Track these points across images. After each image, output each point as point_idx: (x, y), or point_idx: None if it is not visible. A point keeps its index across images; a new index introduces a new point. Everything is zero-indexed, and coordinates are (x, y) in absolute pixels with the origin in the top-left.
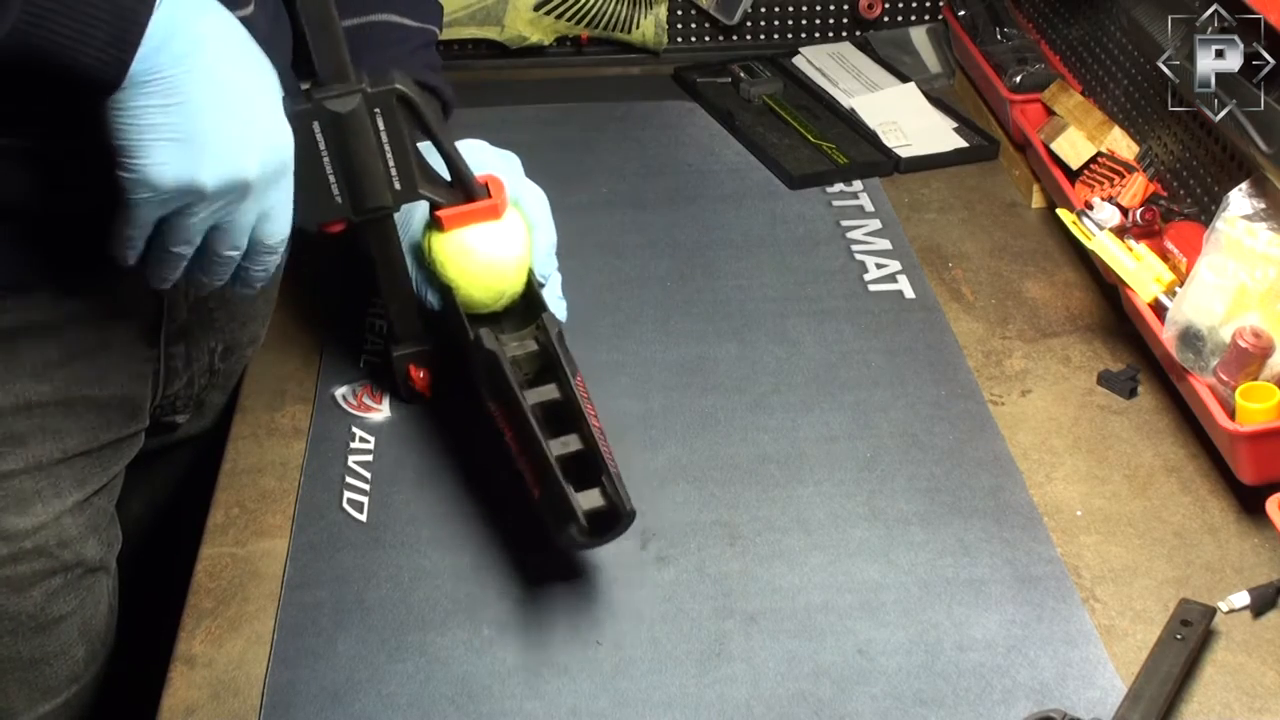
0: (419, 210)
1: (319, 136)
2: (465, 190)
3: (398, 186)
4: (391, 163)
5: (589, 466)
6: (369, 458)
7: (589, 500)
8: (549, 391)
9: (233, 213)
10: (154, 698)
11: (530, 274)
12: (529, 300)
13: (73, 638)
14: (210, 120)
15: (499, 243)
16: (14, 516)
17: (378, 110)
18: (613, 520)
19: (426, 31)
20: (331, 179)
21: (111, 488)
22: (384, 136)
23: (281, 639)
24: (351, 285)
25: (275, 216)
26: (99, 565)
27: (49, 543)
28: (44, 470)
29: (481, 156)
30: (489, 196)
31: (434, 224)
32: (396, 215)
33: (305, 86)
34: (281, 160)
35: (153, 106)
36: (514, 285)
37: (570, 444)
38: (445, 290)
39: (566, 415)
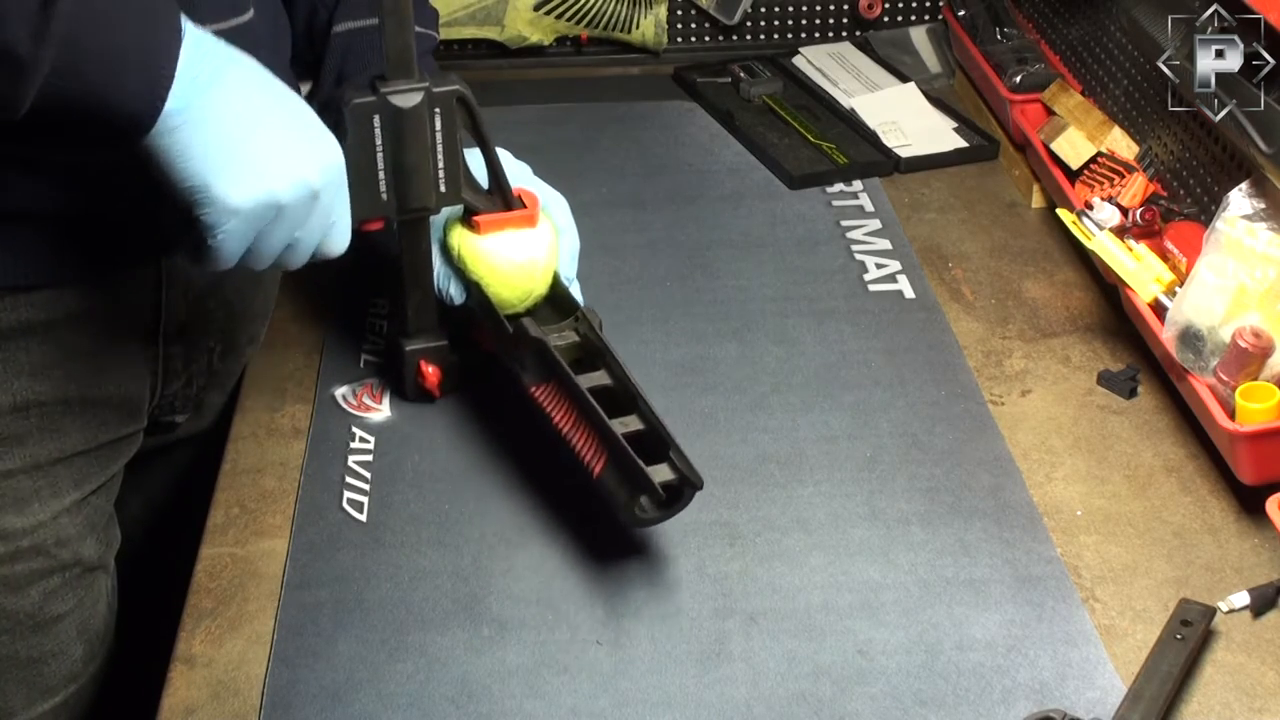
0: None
1: (377, 131)
2: (503, 198)
3: (443, 189)
4: (441, 164)
5: (651, 444)
6: (369, 458)
7: (660, 474)
8: (599, 378)
9: (304, 226)
10: (154, 698)
11: (556, 276)
12: (555, 300)
13: (71, 637)
14: (265, 134)
15: (530, 247)
16: (12, 516)
17: (437, 110)
18: (680, 492)
19: (428, 38)
20: (382, 175)
21: (110, 487)
22: (439, 137)
23: (281, 639)
24: (351, 285)
25: (338, 229)
26: (97, 565)
27: (47, 542)
28: (42, 470)
29: (504, 165)
30: (525, 207)
31: (468, 224)
32: None
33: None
34: (338, 167)
35: (207, 135)
36: (540, 286)
37: (630, 424)
38: (472, 286)
39: (620, 398)
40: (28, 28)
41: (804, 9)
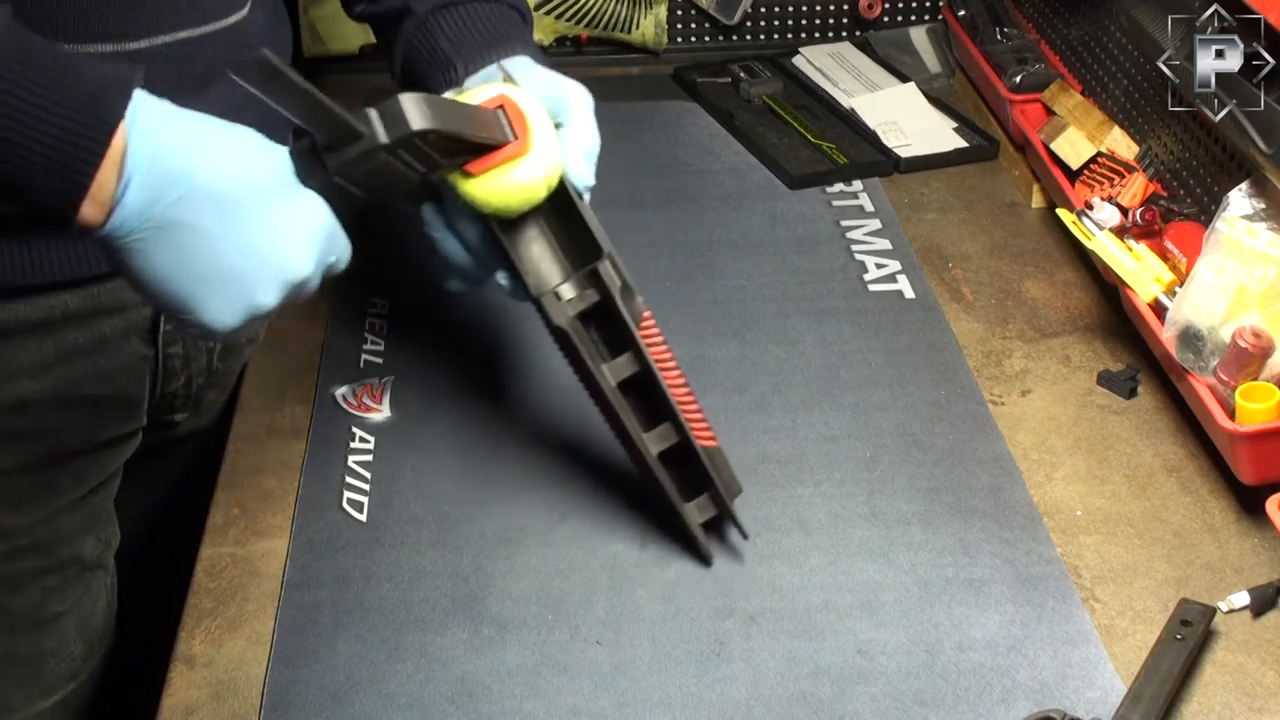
0: None
1: (349, 188)
2: (489, 147)
3: (426, 177)
4: (420, 170)
5: (686, 465)
6: (369, 458)
7: (703, 512)
8: (625, 365)
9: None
10: (154, 697)
11: (568, 184)
12: (574, 234)
13: (70, 635)
14: (240, 242)
15: (528, 168)
16: (10, 514)
17: (401, 151)
18: (719, 521)
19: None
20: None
21: (108, 485)
22: (410, 160)
23: (281, 639)
24: (351, 285)
25: (340, 262)
26: (96, 563)
27: (45, 540)
28: (40, 468)
29: (528, 75)
30: (516, 139)
31: (462, 174)
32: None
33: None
34: (328, 229)
35: (175, 260)
36: (545, 191)
37: (667, 436)
38: (482, 223)
39: (648, 394)
40: None
41: (804, 9)
